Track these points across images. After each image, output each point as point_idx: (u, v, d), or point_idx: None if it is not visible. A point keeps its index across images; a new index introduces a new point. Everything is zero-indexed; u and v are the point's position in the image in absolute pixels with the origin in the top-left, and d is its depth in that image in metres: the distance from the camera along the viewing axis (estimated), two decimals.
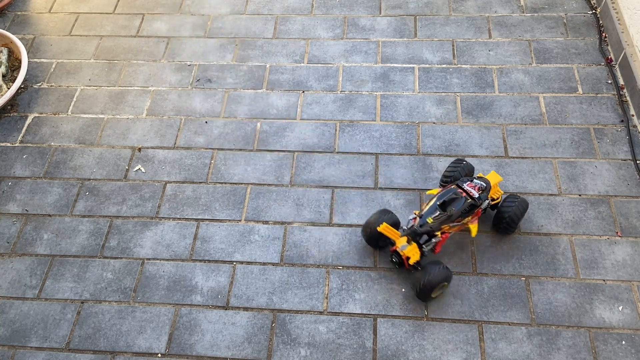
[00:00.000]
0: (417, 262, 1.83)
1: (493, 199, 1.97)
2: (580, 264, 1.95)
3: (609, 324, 1.82)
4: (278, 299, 1.93)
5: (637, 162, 2.19)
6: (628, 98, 2.38)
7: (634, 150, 2.22)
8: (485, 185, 1.92)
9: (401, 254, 1.84)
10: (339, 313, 1.89)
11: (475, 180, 1.93)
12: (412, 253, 1.82)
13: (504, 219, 1.94)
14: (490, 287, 1.92)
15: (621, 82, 2.44)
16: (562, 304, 1.87)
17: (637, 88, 2.30)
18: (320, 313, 1.90)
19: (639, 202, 2.09)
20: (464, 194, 1.87)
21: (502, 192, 2.01)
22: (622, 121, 2.32)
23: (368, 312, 1.89)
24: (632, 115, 2.33)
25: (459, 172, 2.03)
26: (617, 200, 2.10)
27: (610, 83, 2.44)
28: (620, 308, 1.85)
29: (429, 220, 1.83)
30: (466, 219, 1.88)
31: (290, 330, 1.86)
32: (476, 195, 1.88)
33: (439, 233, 1.85)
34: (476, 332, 1.83)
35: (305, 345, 1.83)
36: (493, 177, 2.00)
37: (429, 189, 2.13)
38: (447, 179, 2.03)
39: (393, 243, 1.89)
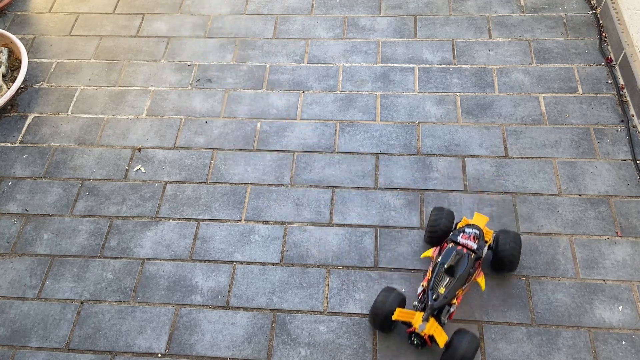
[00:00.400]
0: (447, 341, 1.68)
1: (485, 241, 1.87)
2: (580, 264, 1.95)
3: (609, 324, 1.82)
4: (278, 299, 1.93)
5: (637, 162, 2.19)
6: (628, 98, 2.38)
7: (634, 150, 2.22)
8: (478, 232, 1.83)
9: (422, 334, 1.67)
10: (339, 313, 1.89)
11: (466, 230, 1.83)
12: (435, 331, 1.66)
13: (506, 258, 1.84)
14: (490, 287, 1.92)
15: (621, 82, 2.44)
16: (562, 304, 1.87)
17: (637, 88, 2.30)
18: (320, 313, 1.90)
19: (639, 202, 2.09)
20: (465, 250, 1.77)
21: (492, 231, 1.90)
22: (622, 121, 2.32)
23: (368, 312, 1.89)
24: (632, 115, 2.33)
25: (443, 221, 1.91)
26: (617, 200, 2.10)
27: (610, 83, 2.44)
28: (620, 308, 1.85)
29: (441, 290, 1.70)
30: (474, 275, 1.79)
31: (290, 330, 1.86)
32: (475, 246, 1.78)
33: (455, 300, 1.73)
34: (476, 332, 1.82)
35: (305, 345, 1.83)
36: (480, 220, 1.91)
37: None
38: (434, 232, 1.91)
39: (409, 324, 1.72)
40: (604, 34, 2.63)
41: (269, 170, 2.27)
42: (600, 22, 2.68)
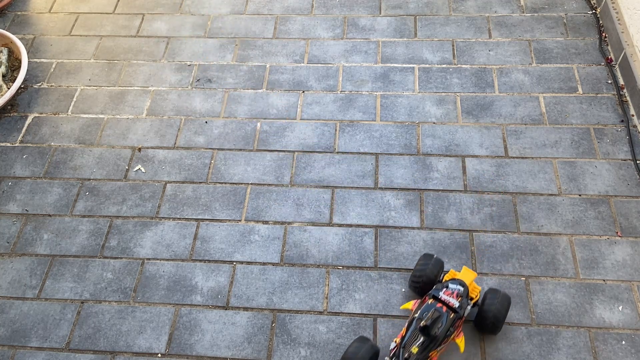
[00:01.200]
0: None
1: (471, 298, 1.77)
2: (580, 264, 1.95)
3: (609, 324, 1.82)
4: (278, 299, 1.93)
5: (637, 162, 2.19)
6: (628, 98, 2.38)
7: (634, 150, 2.22)
8: (462, 288, 1.71)
9: None
10: (339, 313, 1.89)
11: (450, 285, 1.72)
12: None
13: (488, 319, 1.72)
14: (491, 287, 1.92)
15: (621, 82, 2.44)
16: (562, 304, 1.87)
17: (637, 88, 2.30)
18: (320, 313, 1.90)
19: (639, 202, 2.09)
20: (445, 308, 1.66)
21: (479, 287, 1.80)
22: (622, 121, 2.32)
23: (368, 312, 1.89)
24: (632, 115, 2.33)
25: (430, 269, 1.81)
26: (617, 200, 2.10)
27: (610, 83, 2.44)
28: (620, 308, 1.85)
29: (414, 350, 1.60)
30: (452, 335, 1.68)
31: (290, 330, 1.86)
32: (457, 304, 1.67)
33: None
34: (476, 332, 1.82)
35: (305, 345, 1.83)
36: (467, 275, 1.79)
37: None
38: (418, 280, 1.81)
39: None
40: (604, 34, 2.63)
41: (269, 170, 2.27)
42: (600, 22, 2.68)
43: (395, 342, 1.68)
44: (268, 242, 2.07)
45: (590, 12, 2.73)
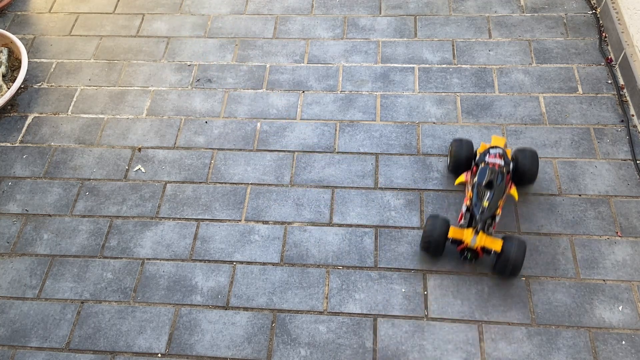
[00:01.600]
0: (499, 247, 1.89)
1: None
2: (580, 264, 1.95)
3: (609, 324, 1.82)
4: (278, 299, 1.93)
5: (637, 162, 2.19)
6: (628, 98, 2.38)
7: (634, 150, 2.22)
8: (502, 150, 2.03)
9: (475, 247, 1.87)
10: (339, 313, 1.89)
11: (491, 151, 2.03)
12: (487, 241, 1.87)
13: (526, 175, 2.05)
14: (490, 287, 1.92)
15: (621, 82, 2.44)
16: (562, 304, 1.87)
17: (637, 88, 2.30)
18: (320, 313, 1.90)
19: (639, 202, 2.09)
20: (496, 166, 1.98)
21: (509, 149, 2.14)
22: (622, 121, 2.32)
23: (368, 312, 1.89)
24: (632, 115, 2.33)
25: (464, 152, 2.10)
26: (617, 200, 2.10)
27: (610, 83, 2.44)
28: (620, 308, 1.85)
29: (485, 204, 1.91)
30: (508, 187, 1.99)
31: (290, 330, 1.86)
32: (502, 162, 1.99)
33: (498, 211, 1.94)
34: (476, 332, 1.83)
35: (305, 345, 1.83)
36: (498, 141, 2.11)
37: (453, 181, 2.18)
38: (458, 161, 2.11)
39: (459, 242, 1.91)
40: (604, 34, 2.63)
41: (269, 170, 2.27)
42: (600, 22, 2.68)
43: (466, 204, 1.97)
44: (268, 242, 2.07)
45: (590, 12, 2.73)
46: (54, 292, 1.99)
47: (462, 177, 2.08)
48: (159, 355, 1.83)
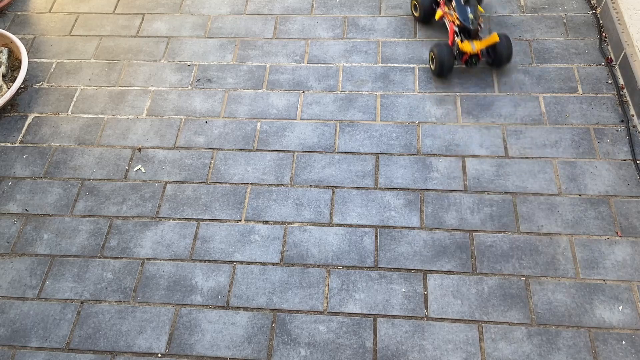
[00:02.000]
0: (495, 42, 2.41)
1: None
2: (580, 264, 1.95)
3: (609, 324, 1.82)
4: (278, 299, 1.93)
5: (637, 162, 2.19)
6: (628, 98, 2.38)
7: (634, 150, 2.22)
8: None
9: (476, 52, 2.39)
10: (339, 313, 1.89)
11: None
12: (483, 42, 2.39)
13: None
14: (490, 287, 1.92)
15: (621, 82, 2.44)
16: (562, 304, 1.87)
17: (637, 88, 2.30)
18: (320, 313, 1.90)
19: (639, 202, 2.09)
20: None
21: None
22: (622, 121, 2.32)
23: (368, 312, 1.89)
24: (632, 115, 2.33)
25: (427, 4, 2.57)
26: (617, 200, 2.10)
27: (610, 83, 2.44)
28: (620, 308, 1.85)
29: (471, 16, 2.38)
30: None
31: (290, 330, 1.86)
32: None
33: (480, 19, 2.43)
34: (476, 332, 1.83)
35: (305, 345, 1.83)
36: None
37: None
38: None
39: (463, 54, 2.42)
40: (604, 34, 2.62)
41: (269, 170, 2.27)
42: (600, 22, 2.67)
43: (455, 24, 2.43)
44: (268, 242, 2.07)
45: (590, 12, 2.73)
46: (54, 292, 1.99)
47: (439, 12, 2.53)
48: (159, 355, 1.83)
